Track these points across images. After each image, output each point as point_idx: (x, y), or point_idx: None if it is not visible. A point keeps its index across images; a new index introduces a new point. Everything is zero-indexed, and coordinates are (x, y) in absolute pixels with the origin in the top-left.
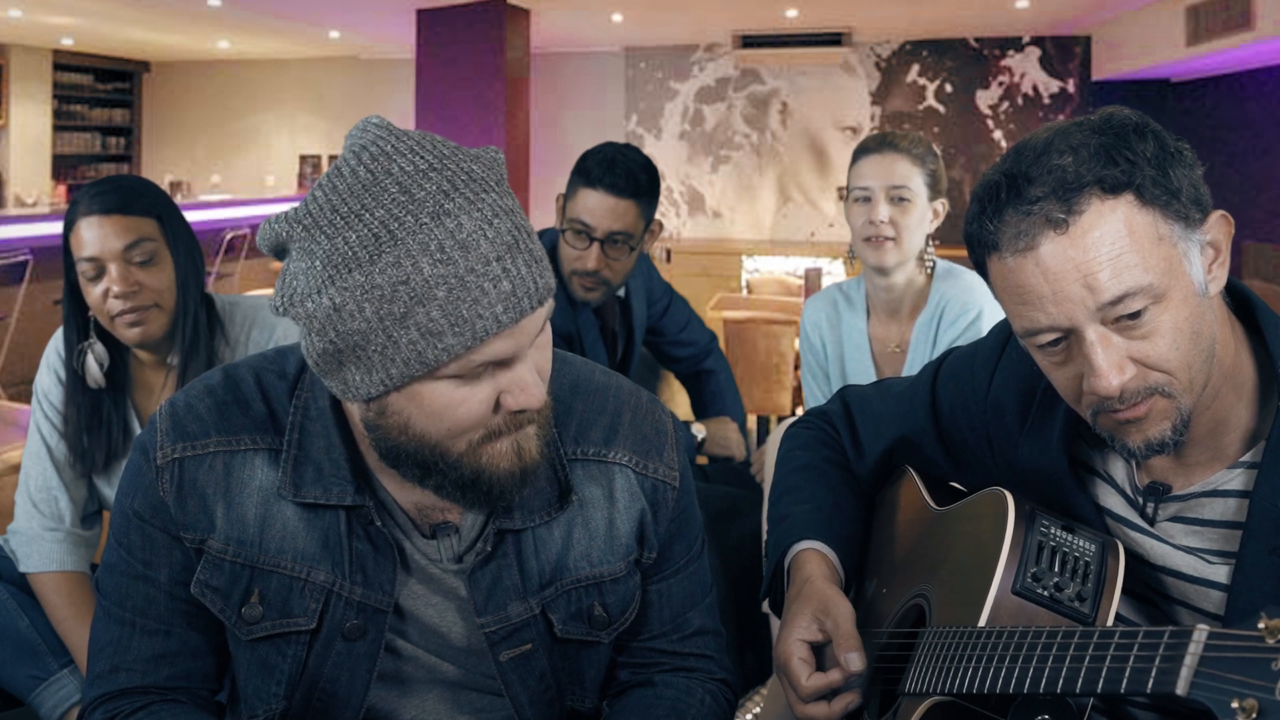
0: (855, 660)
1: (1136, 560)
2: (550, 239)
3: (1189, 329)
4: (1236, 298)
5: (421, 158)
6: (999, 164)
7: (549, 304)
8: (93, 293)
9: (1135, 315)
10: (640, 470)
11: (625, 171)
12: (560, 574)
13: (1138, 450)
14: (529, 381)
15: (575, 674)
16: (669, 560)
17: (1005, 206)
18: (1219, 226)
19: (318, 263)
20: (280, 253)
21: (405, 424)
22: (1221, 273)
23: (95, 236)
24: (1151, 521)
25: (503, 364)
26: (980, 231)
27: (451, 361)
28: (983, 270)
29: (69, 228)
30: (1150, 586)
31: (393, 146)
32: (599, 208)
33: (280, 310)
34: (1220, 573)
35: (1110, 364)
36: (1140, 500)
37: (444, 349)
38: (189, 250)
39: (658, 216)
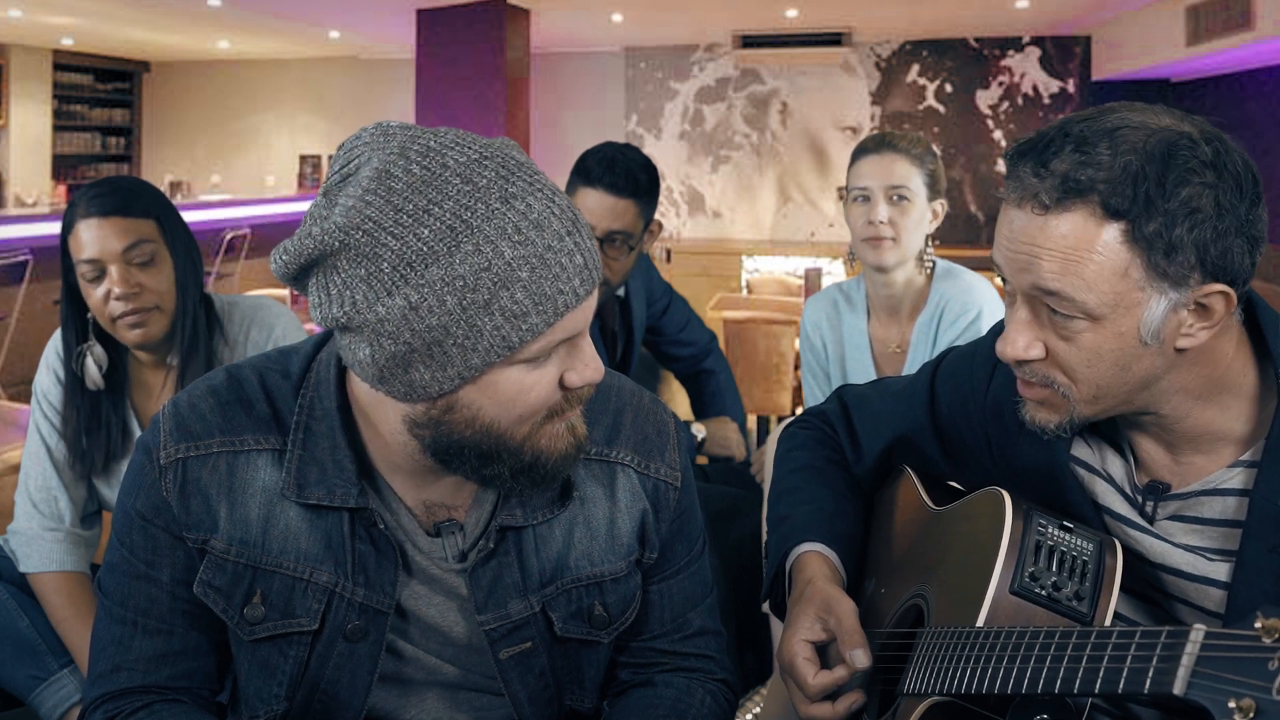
0: (861, 657)
1: (1136, 558)
2: None
3: (1111, 360)
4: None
5: (470, 148)
6: (1085, 110)
7: None
8: (93, 295)
9: (1065, 316)
10: (642, 470)
11: (625, 171)
12: (561, 573)
13: (1023, 420)
14: (591, 355)
15: (575, 673)
16: (670, 560)
17: (1030, 157)
18: (1219, 299)
19: (385, 265)
20: (305, 272)
21: (474, 417)
22: (1202, 335)
23: (95, 238)
24: (1151, 520)
25: (569, 340)
26: (1012, 159)
27: (533, 341)
28: None
29: (67, 230)
30: (1150, 584)
31: (437, 142)
32: (598, 207)
33: (338, 323)
34: (1220, 570)
35: (1019, 334)
36: (1139, 499)
37: (528, 329)
38: (188, 251)
39: (657, 217)
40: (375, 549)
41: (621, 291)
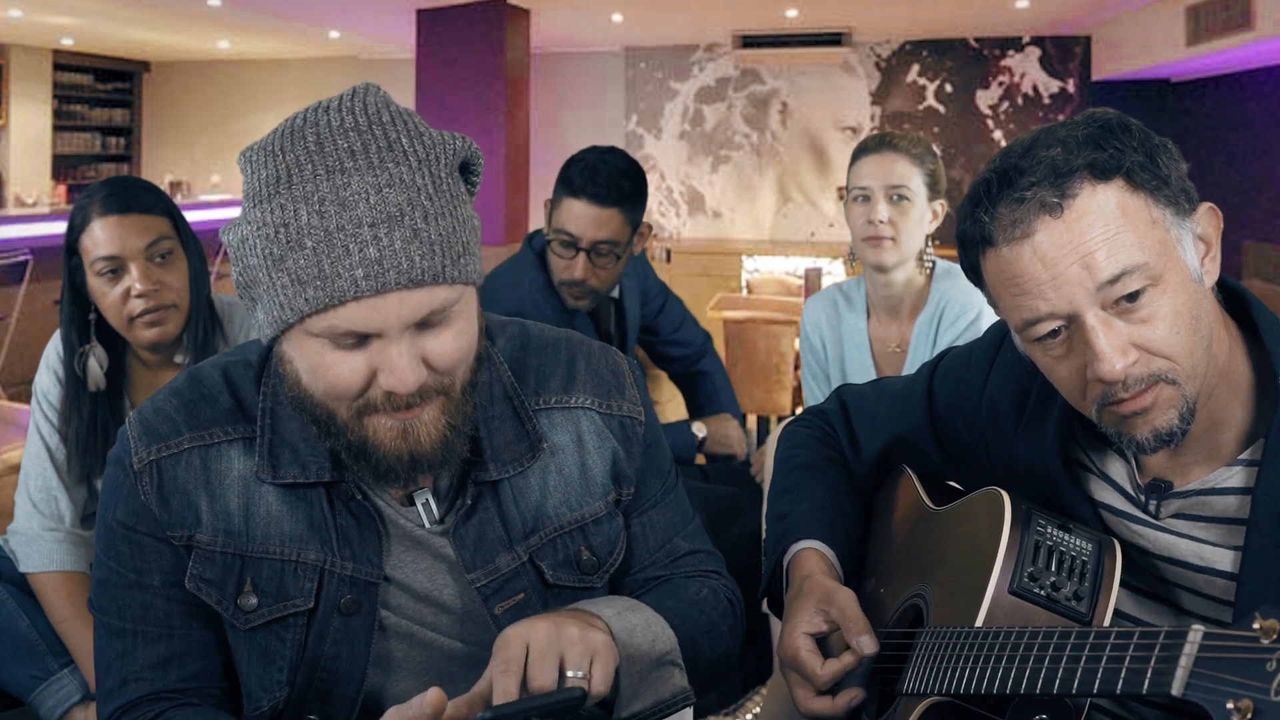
0: (868, 642)
1: (1140, 552)
2: (541, 242)
3: (1188, 314)
4: (1230, 296)
5: (354, 118)
6: (989, 164)
7: (438, 296)
8: (110, 294)
9: (1134, 297)
10: (604, 410)
11: (608, 179)
12: (542, 522)
13: (1145, 442)
14: (398, 365)
15: None
16: (646, 493)
17: (999, 199)
18: (1208, 219)
19: (246, 193)
20: None
21: (296, 375)
22: (1213, 267)
23: (115, 235)
24: (1156, 517)
25: (372, 338)
26: (974, 227)
27: (314, 315)
28: (976, 272)
29: (79, 229)
30: (1154, 576)
31: (340, 103)
32: (583, 217)
33: (225, 241)
34: (1225, 559)
35: (1113, 347)
36: (1143, 498)
37: (305, 300)
38: (197, 249)
39: (654, 218)
40: (356, 521)
41: (615, 292)
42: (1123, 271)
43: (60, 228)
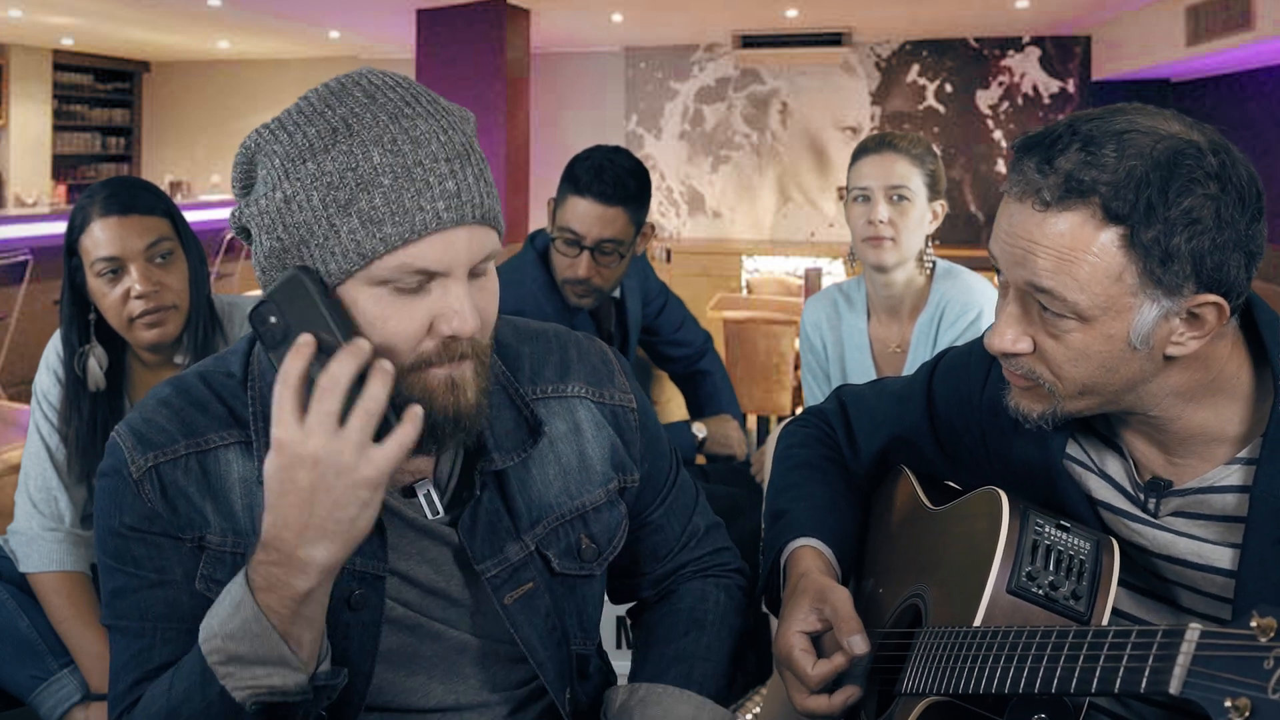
0: (859, 643)
1: (1138, 550)
2: (543, 241)
3: (1098, 361)
4: None
5: (393, 78)
6: (1093, 110)
7: (493, 240)
8: (110, 295)
9: (1054, 314)
10: (598, 399)
11: (613, 178)
12: (546, 510)
13: (1008, 406)
14: (461, 306)
15: (576, 611)
16: (659, 481)
17: (1036, 152)
18: (1212, 310)
19: (276, 160)
20: (248, 182)
21: None
22: (1192, 344)
23: (115, 236)
24: (1155, 515)
25: (436, 279)
26: (1017, 152)
27: (387, 255)
28: None
29: (79, 230)
30: (1153, 574)
31: (369, 69)
32: (588, 215)
33: (237, 219)
34: (1224, 556)
35: (1008, 328)
36: (1142, 497)
37: (381, 239)
38: (198, 250)
39: (653, 218)
40: None
41: (617, 292)
42: (1050, 292)
43: (60, 228)
